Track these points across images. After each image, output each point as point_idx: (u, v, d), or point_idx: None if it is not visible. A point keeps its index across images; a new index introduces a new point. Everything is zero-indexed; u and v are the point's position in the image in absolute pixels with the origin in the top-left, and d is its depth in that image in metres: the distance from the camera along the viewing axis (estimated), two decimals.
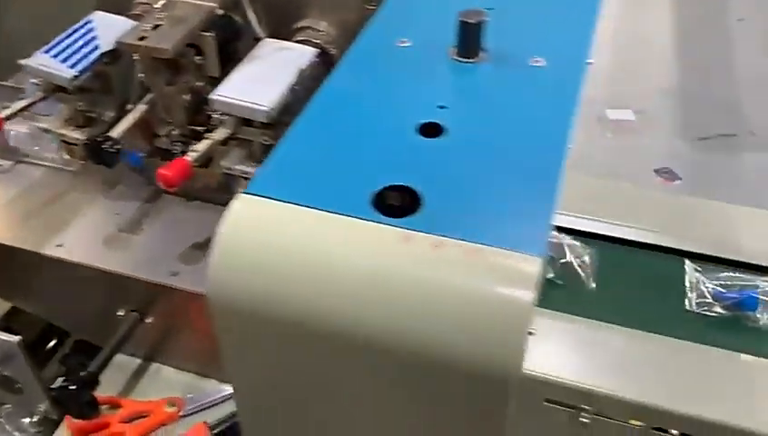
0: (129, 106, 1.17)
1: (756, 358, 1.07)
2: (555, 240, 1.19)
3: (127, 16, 1.23)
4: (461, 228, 0.73)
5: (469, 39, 0.96)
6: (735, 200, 2.56)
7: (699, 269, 1.20)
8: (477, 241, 0.71)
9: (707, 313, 1.14)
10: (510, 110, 0.90)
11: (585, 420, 1.04)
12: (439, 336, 0.69)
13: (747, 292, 1.16)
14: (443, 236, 0.72)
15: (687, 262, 1.22)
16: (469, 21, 0.94)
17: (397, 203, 0.76)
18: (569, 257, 1.19)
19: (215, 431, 1.20)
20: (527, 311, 0.67)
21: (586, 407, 1.04)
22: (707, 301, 1.16)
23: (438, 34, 0.99)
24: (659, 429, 1.03)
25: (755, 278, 1.17)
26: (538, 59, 0.98)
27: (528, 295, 0.68)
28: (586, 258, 1.18)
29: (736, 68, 3.21)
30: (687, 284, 1.19)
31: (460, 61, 0.97)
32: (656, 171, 2.72)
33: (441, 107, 0.89)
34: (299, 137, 0.84)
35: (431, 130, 0.86)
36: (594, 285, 1.17)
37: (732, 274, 1.18)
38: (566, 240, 1.21)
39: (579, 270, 1.19)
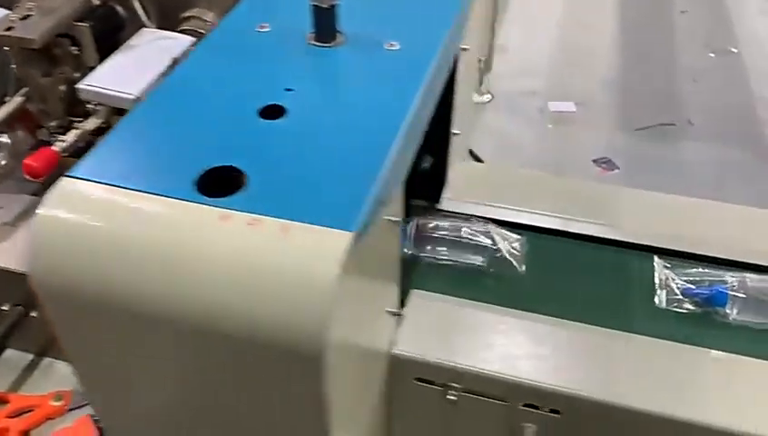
0: (7, 98, 1.17)
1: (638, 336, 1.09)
2: (484, 230, 1.20)
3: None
4: (279, 206, 0.73)
5: (323, 23, 0.96)
6: (672, 187, 2.59)
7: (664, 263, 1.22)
8: (291, 218, 0.72)
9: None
10: (355, 92, 0.91)
11: (452, 397, 1.04)
12: (250, 312, 0.70)
13: None
14: (261, 215, 0.72)
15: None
16: (321, 5, 0.95)
17: (221, 184, 0.77)
18: (501, 246, 1.19)
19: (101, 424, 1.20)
20: (332, 285, 0.68)
21: (455, 385, 1.05)
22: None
23: (299, 19, 1.00)
24: (530, 405, 1.04)
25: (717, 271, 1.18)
26: (394, 43, 0.98)
27: (333, 270, 0.68)
28: (517, 246, 1.19)
29: (678, 60, 3.23)
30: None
31: (316, 45, 0.98)
32: (595, 161, 2.73)
33: (288, 90, 0.90)
34: (133, 121, 0.84)
35: (272, 112, 0.86)
36: (523, 272, 1.18)
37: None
38: (496, 229, 1.21)
39: (511, 258, 1.20)
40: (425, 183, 1.31)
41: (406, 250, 1.18)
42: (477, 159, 2.73)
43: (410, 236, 1.19)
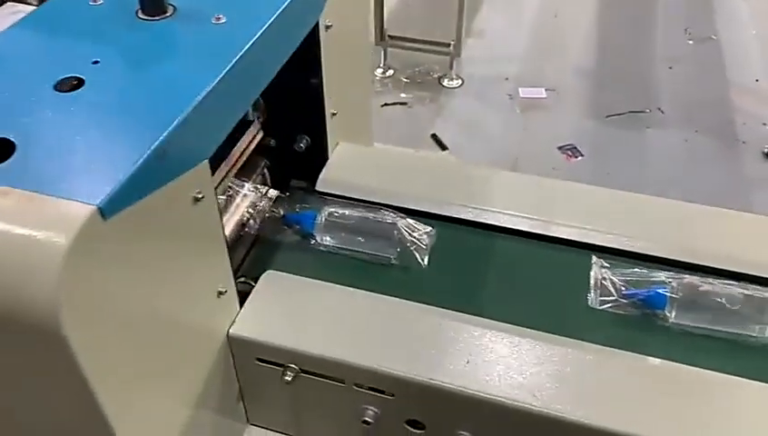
0: None
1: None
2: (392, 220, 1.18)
3: None
4: (34, 178, 0.72)
5: None
6: (635, 175, 2.52)
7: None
8: (41, 190, 0.70)
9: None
10: (161, 67, 0.89)
11: (287, 378, 1.02)
12: None
13: None
14: (13, 187, 0.71)
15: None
16: None
17: None
18: (407, 237, 1.17)
19: None
20: (59, 257, 0.66)
21: (292, 365, 1.02)
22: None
23: None
24: (367, 387, 1.01)
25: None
26: (221, 16, 0.96)
27: (62, 242, 0.66)
28: (425, 238, 1.16)
29: (655, 48, 3.14)
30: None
31: (142, 19, 0.96)
32: (560, 148, 2.67)
33: (95, 63, 0.88)
34: None
35: (70, 85, 0.84)
36: (426, 265, 1.15)
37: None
38: (403, 221, 1.18)
39: (414, 251, 1.17)
40: (303, 163, 1.29)
41: (317, 238, 1.17)
42: (441, 144, 2.69)
43: (320, 224, 1.17)
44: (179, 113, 0.80)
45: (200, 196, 0.87)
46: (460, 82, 2.96)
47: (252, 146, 1.18)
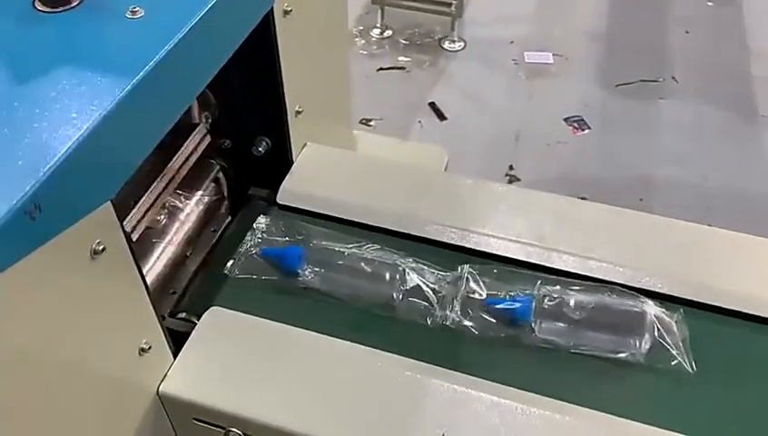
0: None
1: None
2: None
3: None
4: None
5: None
6: (645, 149, 2.29)
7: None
8: None
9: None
10: (49, 77, 0.67)
11: None
12: None
13: None
14: None
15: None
16: None
17: None
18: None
19: None
20: None
21: (234, 429, 0.83)
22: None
23: None
24: None
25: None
26: (138, 9, 0.73)
27: None
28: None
29: (672, 9, 2.85)
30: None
31: (42, 11, 0.73)
32: (566, 119, 2.42)
33: None
34: None
35: None
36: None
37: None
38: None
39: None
40: (263, 169, 1.07)
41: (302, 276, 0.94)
42: (440, 114, 2.45)
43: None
44: (56, 153, 0.58)
45: (100, 248, 0.66)
46: (462, 44, 2.69)
47: (197, 153, 0.96)
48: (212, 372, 0.85)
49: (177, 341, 0.88)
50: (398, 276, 0.92)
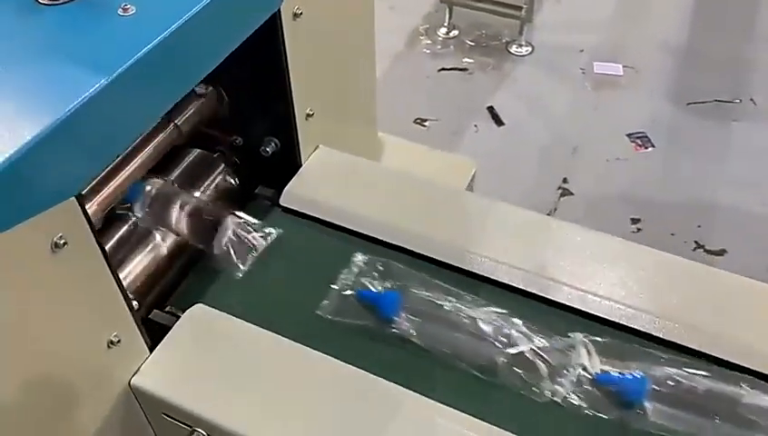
0: None
1: None
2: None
3: None
4: None
5: None
6: (711, 176, 2.17)
7: None
8: None
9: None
10: (36, 65, 0.68)
11: None
12: None
13: None
14: None
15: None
16: None
17: None
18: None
19: None
20: None
21: (199, 430, 0.83)
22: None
23: None
24: None
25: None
26: (129, 6, 0.73)
27: None
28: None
29: (753, 25, 2.69)
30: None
31: (44, 3, 0.75)
32: (629, 135, 2.33)
33: None
34: None
35: None
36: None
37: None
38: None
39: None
40: (271, 169, 1.06)
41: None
42: (497, 119, 2.40)
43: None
44: (16, 145, 0.59)
45: (62, 242, 0.67)
46: (530, 49, 2.62)
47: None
48: (185, 371, 0.86)
49: (161, 334, 0.89)
50: (504, 338, 0.84)
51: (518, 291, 0.91)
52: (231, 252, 0.90)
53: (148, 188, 0.94)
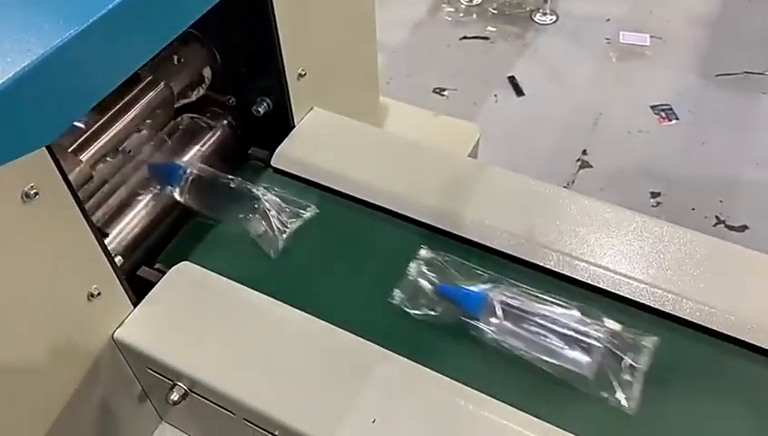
0: None
1: None
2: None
3: None
4: None
5: None
6: (733, 148, 2.11)
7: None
8: None
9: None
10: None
11: (174, 396, 0.84)
12: None
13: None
14: None
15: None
16: None
17: None
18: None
19: None
20: None
21: (179, 384, 0.84)
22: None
23: None
24: (251, 422, 0.82)
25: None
26: None
27: None
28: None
29: None
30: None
31: None
32: (653, 107, 2.27)
33: None
34: None
35: None
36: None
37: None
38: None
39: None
40: (264, 130, 1.06)
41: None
42: (518, 89, 2.36)
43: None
44: None
45: (32, 192, 0.68)
46: (554, 18, 2.57)
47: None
48: (167, 325, 0.86)
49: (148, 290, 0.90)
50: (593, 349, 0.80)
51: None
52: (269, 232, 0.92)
53: (185, 170, 0.95)
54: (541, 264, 0.89)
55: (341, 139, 1.04)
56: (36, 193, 0.68)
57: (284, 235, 0.93)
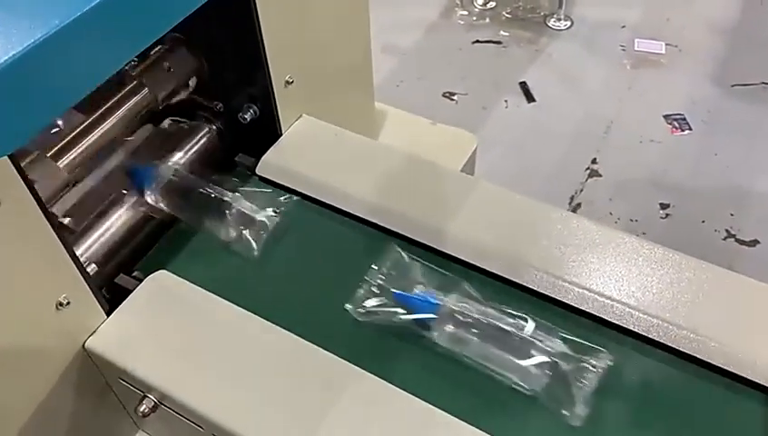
0: None
1: None
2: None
3: None
4: None
5: None
6: (746, 160, 2.06)
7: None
8: None
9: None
10: None
11: (143, 407, 0.83)
12: None
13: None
14: None
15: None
16: None
17: None
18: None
19: None
20: None
21: (149, 396, 0.83)
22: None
23: None
24: None
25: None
26: None
27: None
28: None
29: None
30: None
31: None
32: (666, 116, 2.23)
33: None
34: None
35: None
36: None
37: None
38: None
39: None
40: (251, 137, 1.04)
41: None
42: (529, 95, 2.32)
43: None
44: None
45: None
46: (569, 24, 2.53)
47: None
48: (139, 336, 0.85)
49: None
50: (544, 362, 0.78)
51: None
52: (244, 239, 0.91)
53: (158, 172, 0.93)
54: (500, 274, 0.87)
55: (327, 148, 1.02)
56: None
57: (257, 244, 0.91)
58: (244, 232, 0.91)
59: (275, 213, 0.94)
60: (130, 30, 0.72)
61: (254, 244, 0.91)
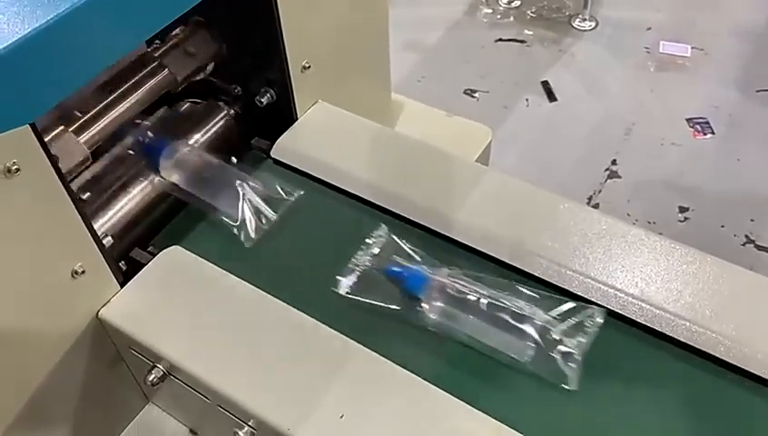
0: None
1: None
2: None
3: None
4: None
5: None
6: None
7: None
8: None
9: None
10: None
11: (152, 377, 0.85)
12: None
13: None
14: None
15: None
16: None
17: None
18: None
19: None
20: None
21: (158, 365, 0.85)
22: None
23: None
24: (225, 409, 0.83)
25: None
26: None
27: None
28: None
29: None
30: None
31: None
32: (689, 120, 2.22)
33: None
34: None
35: None
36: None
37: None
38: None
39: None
40: (267, 121, 1.07)
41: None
42: (550, 94, 2.32)
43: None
44: None
45: (14, 167, 0.69)
46: (593, 24, 2.52)
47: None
48: (151, 307, 0.87)
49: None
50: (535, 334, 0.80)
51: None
52: (250, 219, 0.93)
53: (174, 148, 0.97)
54: (495, 256, 0.89)
55: (341, 134, 1.04)
56: (18, 169, 0.69)
57: (267, 224, 0.93)
58: (255, 212, 0.93)
59: (287, 195, 0.96)
60: (150, 7, 0.75)
61: (264, 225, 0.93)
